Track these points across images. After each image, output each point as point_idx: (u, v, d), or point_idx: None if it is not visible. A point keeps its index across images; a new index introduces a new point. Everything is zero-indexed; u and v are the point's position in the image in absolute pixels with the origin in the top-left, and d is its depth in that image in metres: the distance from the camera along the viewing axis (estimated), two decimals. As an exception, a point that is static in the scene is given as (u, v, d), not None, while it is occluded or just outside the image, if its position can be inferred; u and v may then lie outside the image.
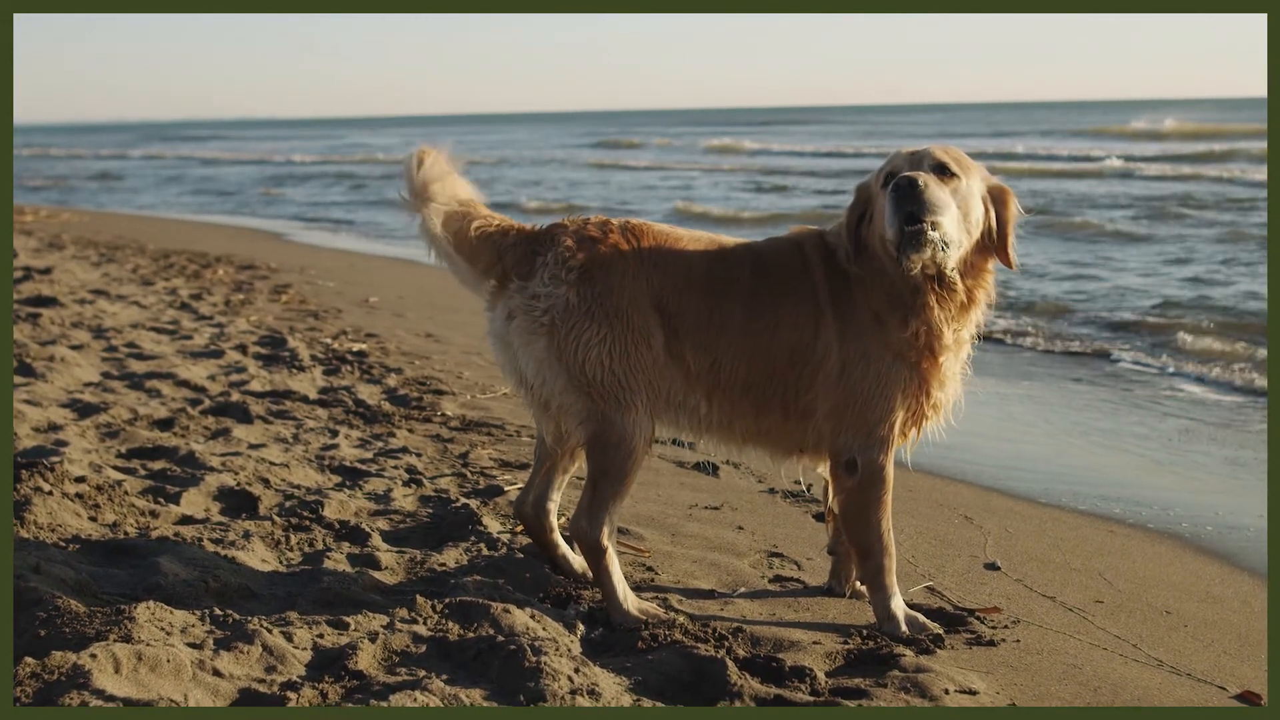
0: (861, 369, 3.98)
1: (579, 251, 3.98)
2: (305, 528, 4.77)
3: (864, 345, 3.98)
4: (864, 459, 4.01)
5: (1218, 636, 4.38)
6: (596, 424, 3.97)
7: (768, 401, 4.11)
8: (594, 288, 3.94)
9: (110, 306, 10.87)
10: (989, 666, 3.85)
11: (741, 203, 27.95)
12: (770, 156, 46.72)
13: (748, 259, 4.13)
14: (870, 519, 4.05)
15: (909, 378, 3.99)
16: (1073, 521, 5.83)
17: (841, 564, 4.44)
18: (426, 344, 9.70)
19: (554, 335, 3.94)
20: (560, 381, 3.97)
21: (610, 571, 4.01)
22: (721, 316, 4.05)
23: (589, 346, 3.92)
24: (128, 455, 5.79)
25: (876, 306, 3.98)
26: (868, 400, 3.98)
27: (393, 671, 3.42)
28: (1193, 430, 8.00)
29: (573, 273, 3.95)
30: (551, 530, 4.42)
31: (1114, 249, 17.75)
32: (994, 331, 11.47)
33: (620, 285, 3.95)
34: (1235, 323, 11.69)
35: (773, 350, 4.05)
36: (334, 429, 6.56)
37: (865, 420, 3.99)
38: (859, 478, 4.02)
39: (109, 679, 3.08)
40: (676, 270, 4.04)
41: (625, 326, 3.94)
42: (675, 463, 6.32)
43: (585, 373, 3.93)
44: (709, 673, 3.52)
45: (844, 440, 4.02)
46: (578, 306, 3.93)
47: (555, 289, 3.95)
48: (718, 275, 4.07)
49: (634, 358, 3.95)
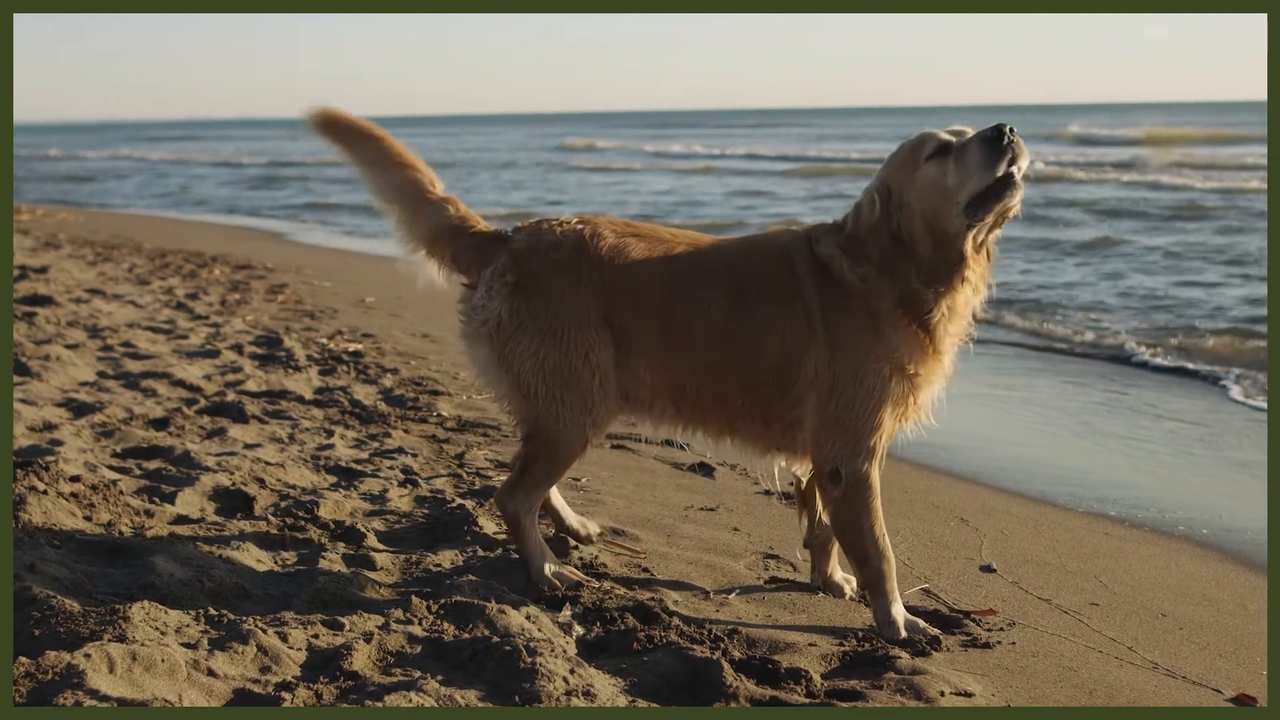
0: (853, 387, 3.96)
1: (512, 269, 4.15)
2: (300, 528, 4.76)
3: (855, 362, 3.95)
4: (848, 469, 4.00)
5: (1213, 639, 4.38)
6: (532, 425, 4.20)
7: (745, 414, 4.15)
8: (528, 303, 4.11)
9: (106, 306, 10.86)
10: (984, 669, 3.85)
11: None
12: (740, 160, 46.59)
13: (722, 269, 4.11)
14: (862, 525, 4.04)
15: (902, 387, 3.98)
16: (1069, 524, 5.83)
17: (817, 557, 4.46)
18: (423, 344, 9.69)
19: (493, 344, 4.15)
20: (503, 385, 4.21)
21: (526, 539, 4.29)
22: (686, 338, 4.08)
23: (523, 358, 4.11)
24: (123, 455, 5.78)
25: (884, 311, 3.94)
26: (858, 416, 3.97)
27: (388, 672, 3.41)
28: (1189, 433, 8.01)
29: (506, 288, 4.14)
30: (550, 497, 4.67)
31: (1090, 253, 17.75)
32: (991, 335, 11.48)
33: (555, 300, 4.10)
34: (1232, 326, 11.70)
35: (750, 368, 4.07)
36: (330, 429, 6.55)
37: (854, 433, 3.99)
38: (844, 487, 4.02)
39: (103, 679, 3.07)
40: (629, 282, 4.10)
41: (558, 340, 4.08)
42: (671, 464, 6.31)
43: (521, 381, 4.13)
44: (704, 674, 3.51)
45: (829, 452, 4.02)
46: (509, 322, 4.13)
47: (490, 302, 4.16)
48: (681, 289, 4.09)
49: (568, 371, 4.09)
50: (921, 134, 3.98)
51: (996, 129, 3.78)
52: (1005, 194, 3.79)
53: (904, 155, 3.97)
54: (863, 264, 3.98)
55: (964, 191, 3.81)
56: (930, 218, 3.88)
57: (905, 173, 3.94)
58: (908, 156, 3.95)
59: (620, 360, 4.14)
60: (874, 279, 3.96)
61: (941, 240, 3.89)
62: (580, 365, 4.09)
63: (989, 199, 3.79)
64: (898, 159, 3.99)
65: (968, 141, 3.85)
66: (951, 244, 3.89)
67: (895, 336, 3.95)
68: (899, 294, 3.94)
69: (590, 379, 4.11)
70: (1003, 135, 3.76)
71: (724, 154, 50.35)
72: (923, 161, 3.90)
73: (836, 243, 4.04)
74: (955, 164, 3.82)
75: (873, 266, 3.97)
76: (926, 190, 3.88)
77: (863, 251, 3.98)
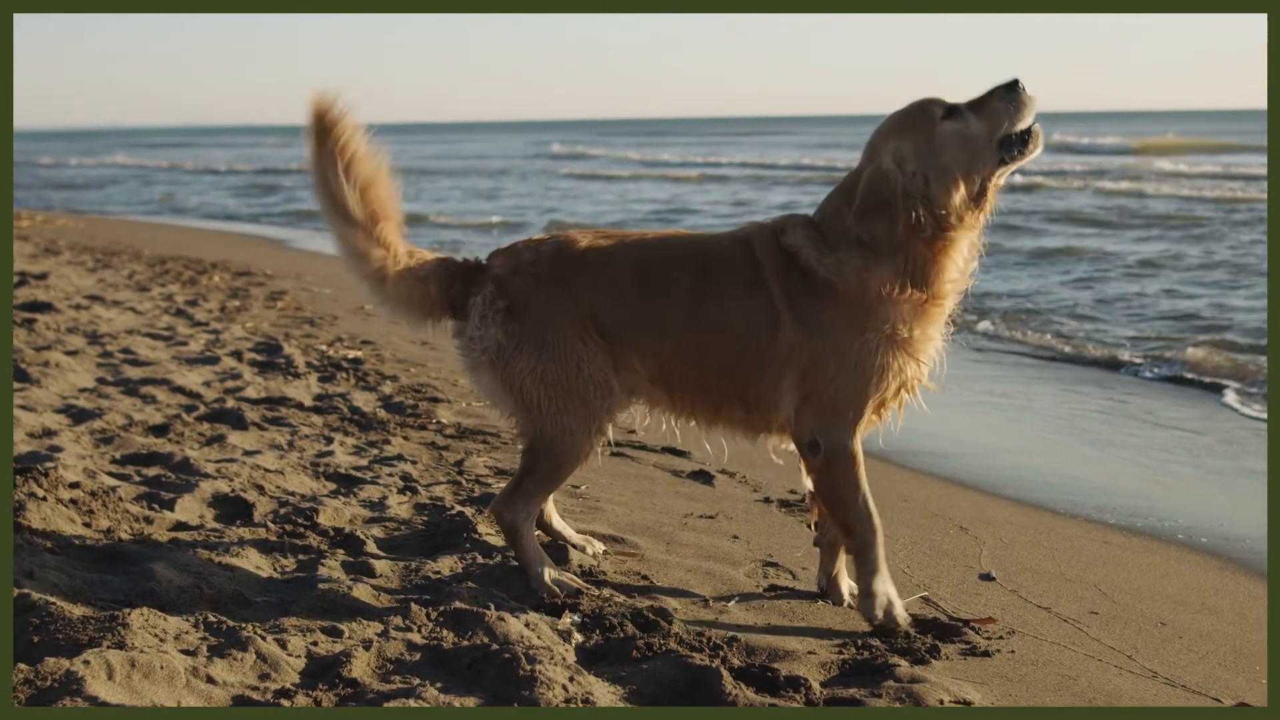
0: (835, 362, 4.01)
1: (500, 295, 4.26)
2: (300, 535, 4.76)
3: (836, 340, 4.00)
4: (825, 439, 4.07)
5: (1213, 648, 4.38)
6: (533, 437, 4.29)
7: (726, 400, 4.24)
8: (520, 325, 4.23)
9: (106, 312, 10.86)
10: (984, 677, 3.85)
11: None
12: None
13: (690, 258, 4.23)
14: (844, 494, 4.10)
15: (894, 355, 4.01)
16: (1068, 532, 5.82)
17: (825, 556, 4.48)
18: (422, 351, 9.69)
19: (494, 369, 4.26)
20: (509, 405, 4.31)
21: (525, 547, 4.33)
22: (660, 321, 4.20)
23: (523, 376, 4.23)
24: (122, 461, 5.78)
25: (870, 288, 3.97)
26: (839, 390, 4.03)
27: (387, 679, 3.41)
28: (1188, 441, 8.01)
29: (499, 314, 4.25)
30: (549, 516, 4.75)
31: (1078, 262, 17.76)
32: (988, 344, 11.49)
33: (544, 318, 4.21)
34: (1232, 336, 11.71)
35: (721, 351, 4.16)
36: (329, 436, 6.55)
37: (833, 407, 4.05)
38: (824, 456, 4.09)
39: (102, 685, 3.07)
40: (606, 284, 4.22)
41: (553, 356, 4.20)
42: (671, 472, 6.31)
43: (526, 398, 4.23)
44: (704, 682, 3.51)
45: (806, 424, 4.09)
46: (506, 345, 4.24)
47: (486, 331, 4.27)
48: (652, 280, 4.22)
49: (565, 382, 4.20)
50: (920, 100, 4.08)
51: (1014, 81, 4.02)
52: (1029, 140, 4.02)
53: (912, 123, 4.04)
54: (834, 254, 4.02)
55: (991, 140, 3.99)
56: (966, 168, 3.99)
57: (922, 138, 4.00)
58: (919, 123, 4.03)
59: (618, 360, 4.23)
60: (852, 268, 3.99)
61: (973, 188, 4.02)
62: (573, 375, 4.20)
63: (1015, 145, 4.01)
64: (906, 129, 4.04)
65: (985, 95, 4.04)
66: (983, 188, 4.03)
67: (885, 310, 3.98)
68: (905, 263, 3.99)
69: (587, 386, 4.20)
70: (1017, 83, 4.02)
71: (714, 161, 50.39)
72: (939, 123, 4.00)
73: (805, 234, 4.09)
74: (977, 117, 4.00)
75: (857, 251, 3.99)
76: (954, 144, 3.99)
77: (855, 232, 4.00)
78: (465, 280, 4.36)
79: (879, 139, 4.09)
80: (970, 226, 4.06)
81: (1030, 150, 4.03)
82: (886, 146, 4.04)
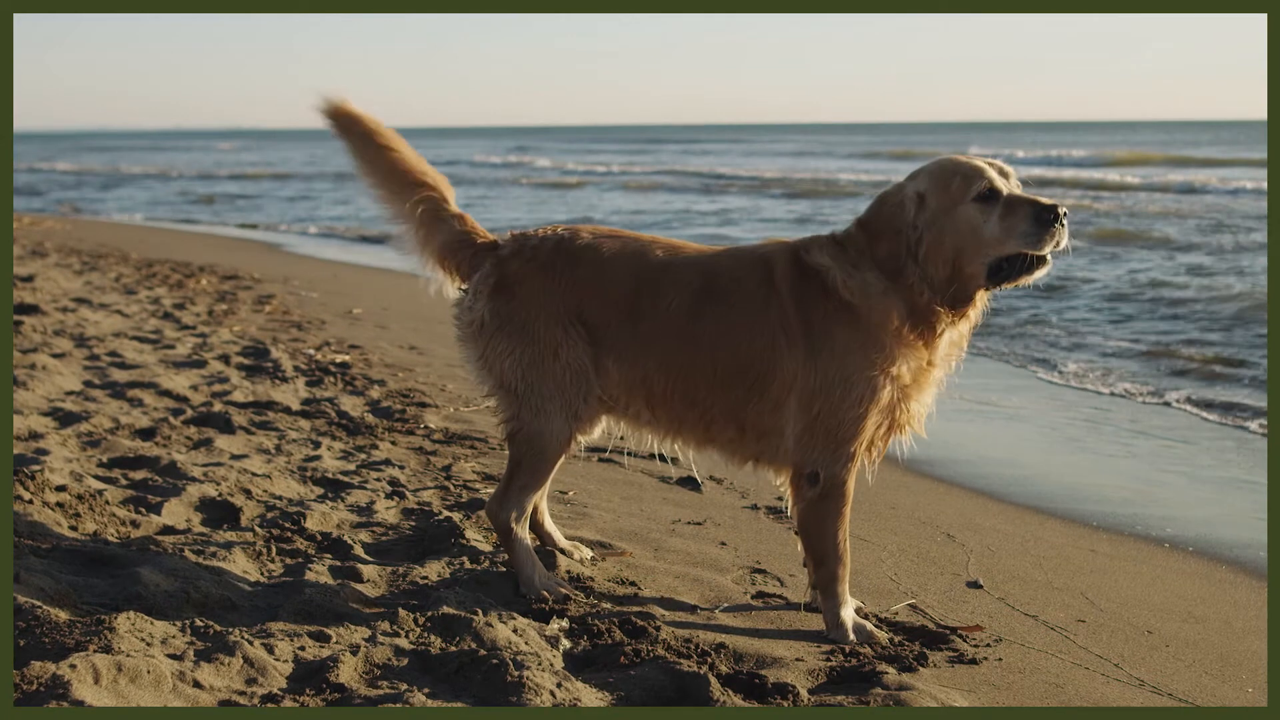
0: (841, 392, 4.00)
1: (494, 273, 4.33)
2: (287, 539, 4.75)
3: (846, 369, 3.99)
4: (827, 473, 4.08)
5: (1199, 657, 4.40)
6: (514, 423, 4.33)
7: (719, 418, 4.22)
8: (505, 305, 4.28)
9: (93, 315, 10.82)
10: (971, 685, 3.86)
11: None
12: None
13: (696, 272, 4.22)
14: (828, 529, 4.13)
15: (893, 396, 4.02)
16: (1055, 540, 5.84)
17: None
18: (410, 356, 9.68)
19: (477, 344, 4.34)
20: (490, 383, 4.37)
21: (517, 548, 4.35)
22: (647, 329, 4.19)
23: (502, 357, 4.29)
24: (109, 464, 5.76)
25: (885, 322, 3.97)
26: (843, 421, 4.02)
27: (374, 684, 3.40)
28: (1174, 450, 8.03)
29: (487, 290, 4.33)
30: (541, 516, 4.79)
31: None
32: (976, 352, 11.51)
33: (528, 302, 4.26)
34: (1223, 343, 11.75)
35: (713, 365, 4.14)
36: (316, 440, 6.54)
37: (836, 438, 4.04)
38: (820, 490, 4.10)
39: (88, 689, 3.05)
40: (599, 279, 4.25)
41: (531, 340, 4.26)
42: (659, 478, 6.31)
43: (503, 378, 4.30)
44: (691, 689, 3.51)
45: (809, 455, 4.08)
46: (490, 323, 4.31)
47: (475, 304, 4.35)
48: (650, 289, 4.21)
49: (542, 368, 4.26)
50: (974, 166, 3.96)
51: (1053, 209, 3.84)
52: (1035, 268, 3.91)
53: (950, 181, 3.95)
54: (860, 274, 4.00)
55: (1000, 249, 3.89)
56: (956, 254, 3.93)
57: (947, 199, 3.94)
58: (955, 185, 3.94)
59: (597, 362, 4.26)
60: (875, 292, 3.98)
61: (956, 276, 3.95)
62: (551, 361, 4.24)
63: (1018, 267, 3.90)
64: (942, 181, 3.97)
65: (1019, 202, 3.89)
66: (965, 284, 3.96)
67: (895, 348, 3.98)
68: (908, 307, 3.98)
69: (564, 373, 4.24)
70: (1057, 216, 3.83)
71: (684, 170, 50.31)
72: (969, 199, 3.91)
73: (831, 254, 4.07)
74: (1000, 220, 3.88)
75: (877, 274, 3.99)
76: (964, 229, 3.92)
77: (869, 252, 4.01)
78: (477, 254, 4.43)
79: (922, 173, 4.06)
80: (948, 322, 4.01)
81: (1026, 278, 3.91)
82: (917, 183, 4.02)
